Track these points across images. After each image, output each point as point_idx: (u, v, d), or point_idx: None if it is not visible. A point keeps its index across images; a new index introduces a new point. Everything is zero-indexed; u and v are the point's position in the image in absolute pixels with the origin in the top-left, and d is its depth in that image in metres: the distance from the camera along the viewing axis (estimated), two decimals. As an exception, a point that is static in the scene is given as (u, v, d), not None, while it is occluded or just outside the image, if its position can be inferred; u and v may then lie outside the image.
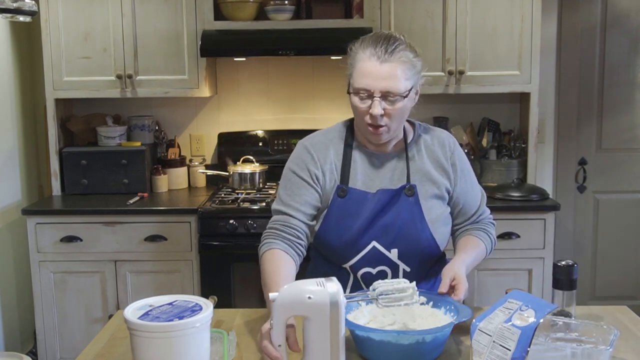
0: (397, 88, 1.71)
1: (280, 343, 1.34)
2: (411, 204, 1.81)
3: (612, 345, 1.31)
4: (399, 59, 1.71)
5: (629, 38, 3.75)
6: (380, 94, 1.71)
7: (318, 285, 1.33)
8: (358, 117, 1.79)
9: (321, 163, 1.84)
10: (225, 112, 3.70)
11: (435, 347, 1.48)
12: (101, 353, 1.60)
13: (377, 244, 1.80)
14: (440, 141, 1.91)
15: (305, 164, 1.84)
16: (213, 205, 3.11)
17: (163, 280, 3.14)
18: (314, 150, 1.86)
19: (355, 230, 1.80)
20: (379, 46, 1.72)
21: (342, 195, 1.81)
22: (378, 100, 1.71)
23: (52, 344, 3.19)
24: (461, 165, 1.92)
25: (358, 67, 1.73)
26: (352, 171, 1.84)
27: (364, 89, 1.72)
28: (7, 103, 3.37)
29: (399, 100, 1.72)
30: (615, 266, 3.90)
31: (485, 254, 1.91)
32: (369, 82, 1.71)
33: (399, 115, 1.75)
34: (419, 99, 1.82)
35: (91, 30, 3.30)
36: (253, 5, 3.30)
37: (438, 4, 3.25)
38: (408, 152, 1.87)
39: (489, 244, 1.92)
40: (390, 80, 1.70)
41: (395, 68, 1.71)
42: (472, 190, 1.95)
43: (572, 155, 3.85)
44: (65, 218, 3.12)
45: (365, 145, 1.87)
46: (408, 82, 1.73)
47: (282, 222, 1.80)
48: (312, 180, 1.83)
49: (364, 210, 1.80)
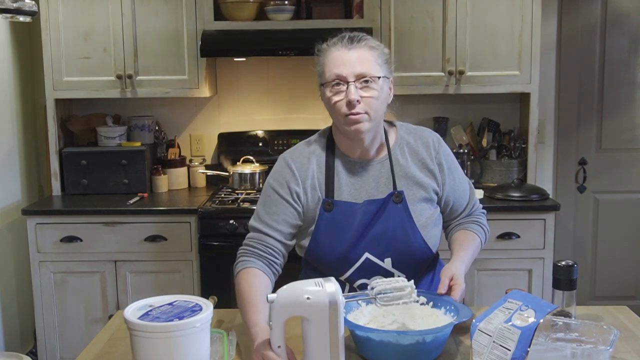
0: (370, 71, 1.70)
1: (280, 344, 1.34)
2: (400, 211, 1.78)
3: (612, 346, 1.31)
4: (365, 45, 1.73)
5: (629, 38, 3.75)
6: (354, 78, 1.69)
7: (317, 286, 1.33)
8: (335, 112, 1.74)
9: (302, 179, 1.79)
10: (225, 112, 3.70)
11: (435, 347, 1.48)
12: (101, 353, 1.60)
13: (369, 255, 1.78)
14: (424, 141, 1.86)
15: (285, 181, 1.80)
16: (213, 205, 3.11)
17: (163, 281, 3.14)
18: (295, 165, 1.81)
19: (346, 243, 1.77)
20: (344, 39, 1.74)
21: (329, 209, 1.77)
22: (353, 84, 1.69)
23: (52, 344, 3.19)
24: (447, 163, 1.86)
25: (327, 60, 1.73)
26: (337, 183, 1.80)
27: (337, 77, 1.70)
28: (7, 103, 3.37)
29: (374, 85, 1.71)
30: (615, 266, 3.90)
31: (481, 246, 1.90)
32: (340, 69, 1.70)
33: (375, 104, 1.72)
34: (419, 100, 1.82)
35: (91, 30, 3.30)
36: (253, 5, 3.30)
37: (438, 4, 3.25)
38: (392, 156, 1.82)
39: (482, 236, 1.91)
40: (362, 64, 1.70)
41: (364, 53, 1.72)
42: (461, 186, 1.90)
43: (572, 155, 3.85)
44: (65, 218, 3.12)
45: (347, 154, 1.82)
46: (380, 68, 1.73)
47: (257, 240, 1.78)
48: (292, 198, 1.79)
49: (353, 222, 1.77)
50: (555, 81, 3.73)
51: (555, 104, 3.76)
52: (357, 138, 1.76)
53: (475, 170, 3.48)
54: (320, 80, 1.77)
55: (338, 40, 1.75)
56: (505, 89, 3.32)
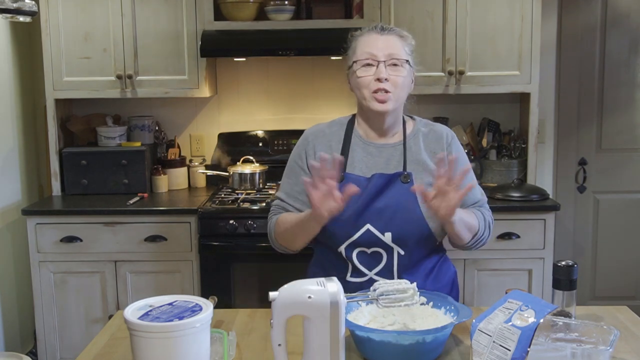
0: (400, 54, 1.86)
1: (280, 343, 1.34)
2: (407, 191, 1.85)
3: (612, 346, 1.31)
4: (395, 33, 1.90)
5: (629, 38, 3.75)
6: (385, 58, 1.84)
7: (318, 285, 1.34)
8: (362, 88, 1.87)
9: (316, 151, 1.93)
10: (225, 112, 3.70)
11: (435, 347, 1.48)
12: (101, 353, 1.60)
13: (371, 227, 1.84)
14: (439, 134, 1.98)
15: (304, 151, 1.96)
16: (213, 205, 3.11)
17: (163, 281, 3.14)
18: (313, 138, 1.97)
19: (350, 213, 1.84)
20: (377, 27, 1.91)
21: (339, 180, 1.85)
22: (383, 64, 1.84)
23: (52, 344, 3.19)
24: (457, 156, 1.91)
25: (360, 42, 1.89)
26: (350, 159, 1.92)
27: (369, 56, 1.84)
28: (7, 103, 3.37)
29: (402, 68, 1.85)
30: (615, 266, 3.89)
31: (477, 226, 1.89)
32: (372, 50, 1.85)
33: (401, 86, 1.86)
34: (419, 100, 1.84)
35: (91, 30, 3.30)
36: (253, 6, 3.30)
37: (438, 4, 3.25)
38: (406, 142, 1.93)
39: (482, 220, 1.92)
40: (392, 48, 1.86)
41: (394, 38, 1.88)
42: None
43: (572, 155, 3.85)
44: (65, 218, 3.12)
45: (365, 137, 1.95)
46: (408, 56, 1.89)
47: (281, 207, 1.97)
48: (308, 167, 1.92)
49: (361, 194, 1.84)
50: (555, 81, 3.73)
51: (555, 104, 3.76)
52: (380, 118, 1.90)
53: (475, 170, 3.48)
54: (352, 59, 1.90)
55: (372, 27, 1.92)
56: (505, 89, 3.32)
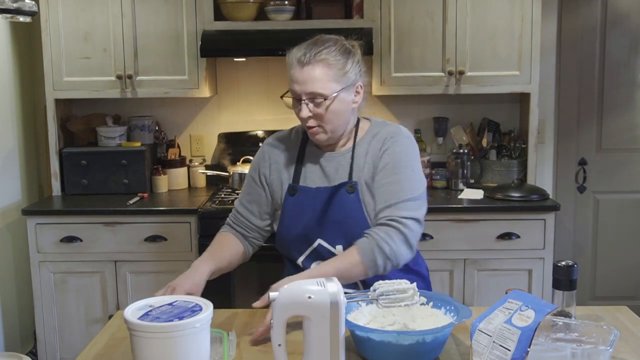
0: (320, 90, 1.76)
1: (280, 343, 1.34)
2: (353, 201, 1.83)
3: (612, 346, 1.31)
4: (319, 61, 1.77)
5: (629, 38, 3.75)
6: (306, 97, 1.78)
7: (318, 285, 1.33)
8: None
9: (272, 162, 1.94)
10: (225, 112, 3.70)
11: (435, 347, 1.48)
12: (101, 353, 1.60)
13: (322, 242, 1.84)
14: (381, 137, 1.85)
15: (258, 164, 1.98)
16: (213, 205, 3.11)
17: (163, 281, 3.10)
18: (269, 150, 1.97)
19: (302, 228, 1.85)
20: (304, 50, 1.79)
21: (292, 193, 1.89)
22: (305, 103, 1.78)
23: (52, 344, 3.19)
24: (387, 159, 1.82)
25: (289, 73, 1.83)
26: (304, 170, 1.91)
27: (293, 93, 1.81)
28: (7, 103, 3.37)
29: (324, 103, 1.77)
30: (615, 266, 3.89)
31: (359, 267, 1.72)
32: (294, 86, 1.80)
33: (330, 117, 1.79)
34: (419, 100, 1.82)
35: (91, 30, 3.30)
36: (253, 6, 3.30)
37: (438, 4, 3.25)
38: (355, 150, 1.88)
39: (367, 250, 1.72)
40: (311, 84, 1.76)
41: (314, 70, 1.76)
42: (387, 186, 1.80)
43: (572, 155, 3.85)
44: (65, 218, 3.12)
45: (318, 146, 1.92)
46: (334, 84, 1.77)
47: (233, 215, 2.01)
48: (260, 180, 1.95)
49: (312, 207, 1.85)
50: (555, 81, 3.73)
51: (555, 104, 3.76)
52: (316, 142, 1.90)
53: (475, 170, 3.48)
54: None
55: (300, 50, 1.81)
56: (505, 89, 3.32)
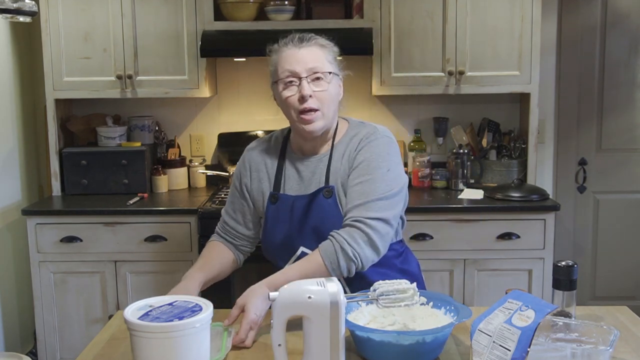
0: (322, 66, 1.78)
1: (280, 343, 1.34)
2: (331, 206, 1.81)
3: (612, 346, 1.31)
4: (314, 43, 1.82)
5: (629, 38, 3.75)
6: (307, 74, 1.77)
7: (318, 285, 1.33)
8: (288, 109, 1.81)
9: (253, 171, 1.94)
10: (225, 112, 3.70)
11: (435, 347, 1.48)
12: (101, 353, 1.60)
13: (304, 249, 1.83)
14: (357, 138, 1.84)
15: (239, 173, 1.97)
16: (213, 205, 3.11)
17: (163, 281, 3.13)
18: (249, 158, 1.96)
19: (284, 236, 1.84)
20: (294, 39, 1.82)
21: (274, 201, 1.87)
22: (305, 80, 1.77)
23: (52, 344, 3.19)
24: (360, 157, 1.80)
25: (280, 58, 1.81)
26: (283, 178, 1.89)
27: (290, 73, 1.78)
28: (7, 103, 3.37)
29: (325, 80, 1.78)
30: (615, 266, 3.89)
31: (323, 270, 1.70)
32: (292, 66, 1.78)
33: (328, 100, 1.79)
34: (419, 100, 1.82)
35: (91, 30, 3.30)
36: (253, 6, 3.30)
37: (438, 4, 3.25)
38: (332, 153, 1.85)
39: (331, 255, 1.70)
40: (313, 61, 1.78)
41: (314, 50, 1.80)
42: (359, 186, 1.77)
43: (572, 155, 3.85)
44: (65, 218, 3.12)
45: (297, 152, 1.91)
46: (331, 65, 1.82)
47: (221, 224, 2.01)
48: (241, 189, 1.96)
49: (290, 215, 1.84)
50: (555, 81, 3.73)
51: (555, 104, 3.76)
52: (311, 138, 1.85)
53: (475, 170, 3.48)
54: (273, 78, 1.84)
55: (289, 40, 1.83)
56: (505, 89, 3.32)
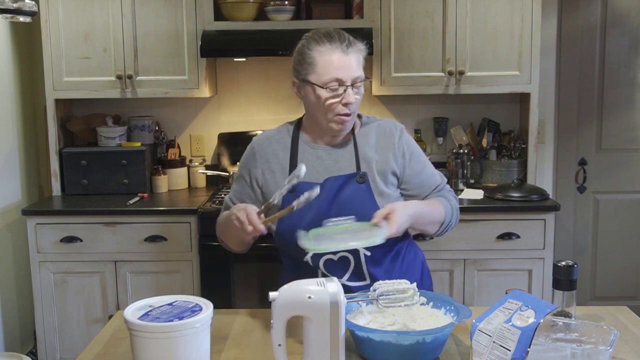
0: (362, 74, 1.85)
1: (280, 343, 1.34)
2: (363, 191, 1.85)
3: (612, 346, 1.31)
4: (357, 49, 1.86)
5: (629, 38, 3.75)
6: (351, 82, 1.81)
7: (318, 285, 1.34)
8: (325, 110, 1.83)
9: (263, 162, 1.94)
10: (225, 112, 3.70)
11: (435, 347, 1.48)
12: (101, 353, 1.60)
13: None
14: (388, 130, 1.95)
15: (248, 165, 1.97)
16: (213, 205, 3.11)
17: (163, 281, 3.14)
18: (258, 149, 1.96)
19: (309, 222, 1.82)
20: (335, 40, 1.83)
21: (292, 190, 1.85)
22: (350, 88, 1.81)
23: (52, 344, 3.19)
24: (409, 149, 1.95)
25: (323, 61, 1.81)
26: None
27: (336, 80, 1.80)
28: (7, 103, 3.37)
29: (361, 88, 1.86)
30: (615, 266, 3.90)
31: (444, 214, 1.92)
32: (339, 74, 1.80)
33: (359, 102, 1.87)
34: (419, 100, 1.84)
35: (91, 30, 3.30)
36: (253, 6, 3.30)
37: (438, 4, 3.25)
38: (356, 142, 1.92)
39: (448, 207, 1.94)
40: (357, 69, 1.83)
41: (356, 57, 1.84)
42: (425, 169, 1.98)
43: (572, 155, 3.85)
44: (65, 218, 3.12)
45: (313, 142, 1.94)
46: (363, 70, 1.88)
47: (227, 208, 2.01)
48: (250, 180, 1.96)
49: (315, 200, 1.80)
50: (555, 81, 3.73)
51: (555, 104, 3.76)
52: (340, 134, 1.89)
53: (475, 170, 3.48)
54: (313, 78, 1.83)
55: (327, 40, 1.83)
56: (505, 89, 3.32)
